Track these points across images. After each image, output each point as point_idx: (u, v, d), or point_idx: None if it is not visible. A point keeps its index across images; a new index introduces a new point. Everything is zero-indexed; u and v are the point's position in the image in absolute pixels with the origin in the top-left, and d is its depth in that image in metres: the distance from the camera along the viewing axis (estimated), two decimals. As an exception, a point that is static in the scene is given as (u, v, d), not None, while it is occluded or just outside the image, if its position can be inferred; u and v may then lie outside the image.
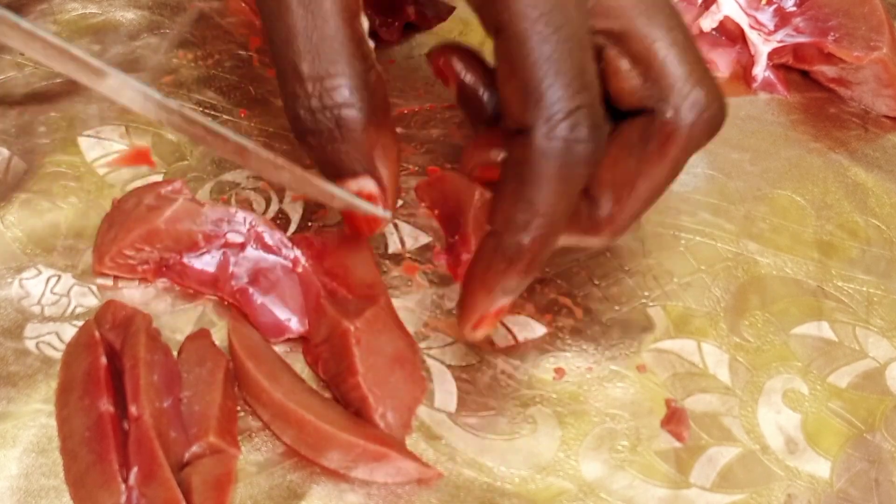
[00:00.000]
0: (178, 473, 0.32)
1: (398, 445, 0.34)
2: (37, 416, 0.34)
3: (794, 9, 0.52)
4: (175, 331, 0.37)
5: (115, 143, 0.43)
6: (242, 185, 0.42)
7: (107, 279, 0.38)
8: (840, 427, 0.38)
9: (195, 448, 0.33)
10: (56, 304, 0.37)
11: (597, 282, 0.41)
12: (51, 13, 0.48)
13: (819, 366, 0.40)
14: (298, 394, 0.35)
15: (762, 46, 0.51)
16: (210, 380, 0.35)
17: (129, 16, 0.49)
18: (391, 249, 0.41)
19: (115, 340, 0.35)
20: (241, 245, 0.38)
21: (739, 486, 0.36)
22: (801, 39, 0.51)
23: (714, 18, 0.52)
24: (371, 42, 0.36)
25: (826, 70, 0.51)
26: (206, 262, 0.38)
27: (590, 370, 0.38)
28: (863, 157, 0.49)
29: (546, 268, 0.41)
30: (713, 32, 0.53)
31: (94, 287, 0.38)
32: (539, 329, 0.39)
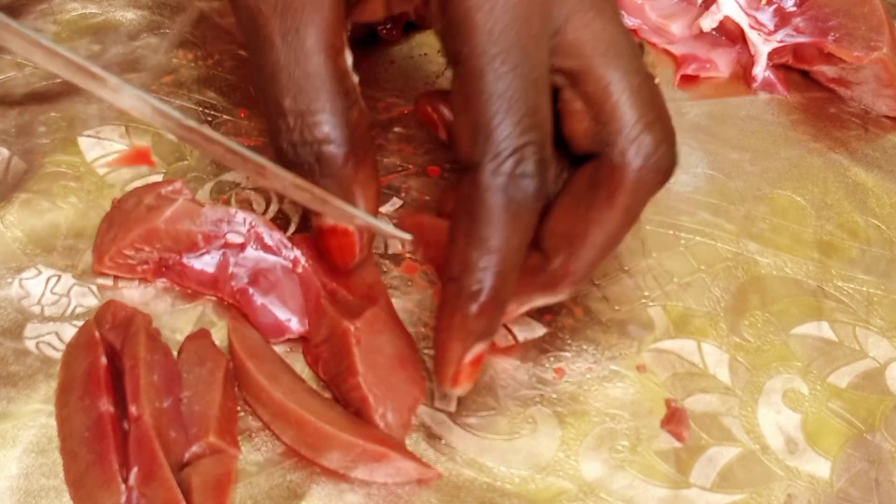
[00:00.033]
0: (178, 473, 0.32)
1: (398, 446, 0.34)
2: (37, 416, 0.34)
3: (794, 9, 0.52)
4: (175, 331, 0.37)
5: (115, 143, 0.43)
6: (242, 185, 0.42)
7: (107, 279, 0.38)
8: (840, 427, 0.38)
9: (195, 448, 0.33)
10: (56, 304, 0.37)
11: (597, 282, 0.41)
12: (51, 13, 0.48)
13: (819, 366, 0.40)
14: (298, 394, 0.35)
15: (762, 46, 0.51)
16: (210, 380, 0.35)
17: (129, 16, 0.49)
18: (391, 250, 0.41)
19: (115, 340, 0.35)
20: (241, 245, 0.38)
21: (739, 486, 0.36)
22: (801, 39, 0.51)
23: (714, 18, 0.52)
24: (355, 77, 0.36)
25: (826, 70, 0.51)
26: (206, 263, 0.38)
27: (590, 370, 0.38)
28: (863, 157, 0.49)
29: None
30: (713, 32, 0.53)
31: (94, 287, 0.38)
32: (539, 329, 0.39)
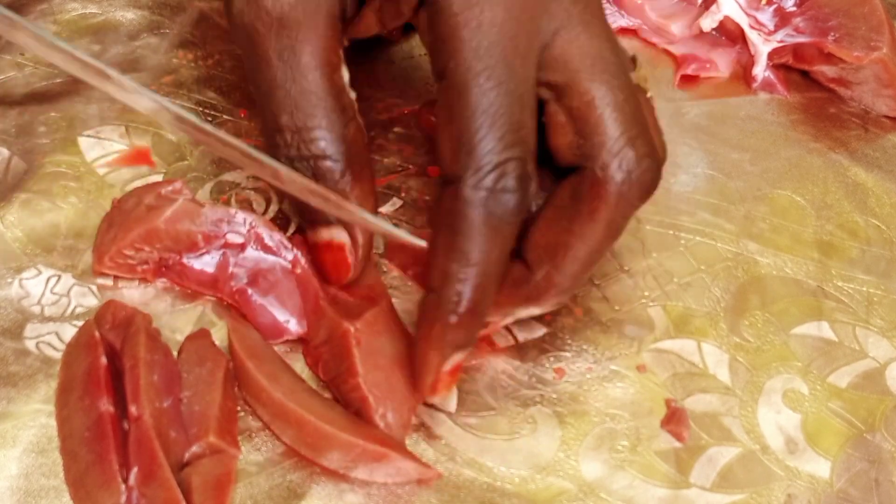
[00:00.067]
0: (178, 473, 0.32)
1: (398, 446, 0.34)
2: (37, 416, 0.34)
3: (794, 9, 0.52)
4: (175, 331, 0.37)
5: (115, 143, 0.43)
6: (242, 185, 0.42)
7: (107, 279, 0.38)
8: (840, 427, 0.38)
9: (195, 448, 0.33)
10: (56, 304, 0.37)
11: (597, 282, 0.41)
12: (51, 13, 0.48)
13: (819, 366, 0.40)
14: (298, 394, 0.35)
15: (762, 46, 0.51)
16: (210, 380, 0.35)
17: (129, 16, 0.49)
18: (391, 249, 0.41)
19: (115, 340, 0.35)
20: (241, 246, 0.38)
21: (739, 486, 0.36)
22: (801, 39, 0.51)
23: (714, 18, 0.52)
24: (352, 93, 0.36)
25: (826, 70, 0.51)
26: (206, 263, 0.38)
27: (590, 370, 0.38)
28: (863, 157, 0.49)
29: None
30: (713, 32, 0.53)
31: (94, 287, 0.38)
32: (539, 329, 0.39)
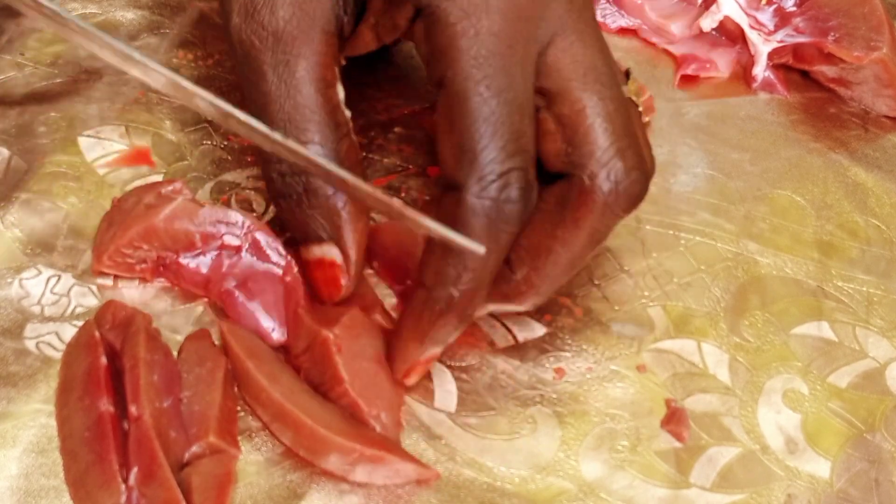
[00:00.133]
0: (178, 473, 0.32)
1: (396, 448, 0.34)
2: (37, 416, 0.34)
3: (794, 9, 0.52)
4: (175, 331, 0.37)
5: (115, 143, 0.43)
6: (242, 186, 0.42)
7: (107, 279, 0.38)
8: (840, 427, 0.38)
9: (195, 448, 0.33)
10: (56, 304, 0.37)
11: (597, 282, 0.41)
12: (51, 13, 0.48)
13: (819, 366, 0.40)
14: (297, 395, 0.35)
15: (762, 46, 0.51)
16: (210, 380, 0.35)
17: (129, 16, 0.49)
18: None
19: (115, 340, 0.35)
20: (237, 248, 0.38)
21: (739, 486, 0.36)
22: (801, 39, 0.51)
23: (714, 18, 0.52)
24: (347, 112, 0.36)
25: (826, 70, 0.51)
26: (201, 263, 0.38)
27: (590, 370, 0.38)
28: (863, 157, 0.49)
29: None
30: (713, 32, 0.53)
31: (94, 287, 0.38)
32: (539, 329, 0.39)
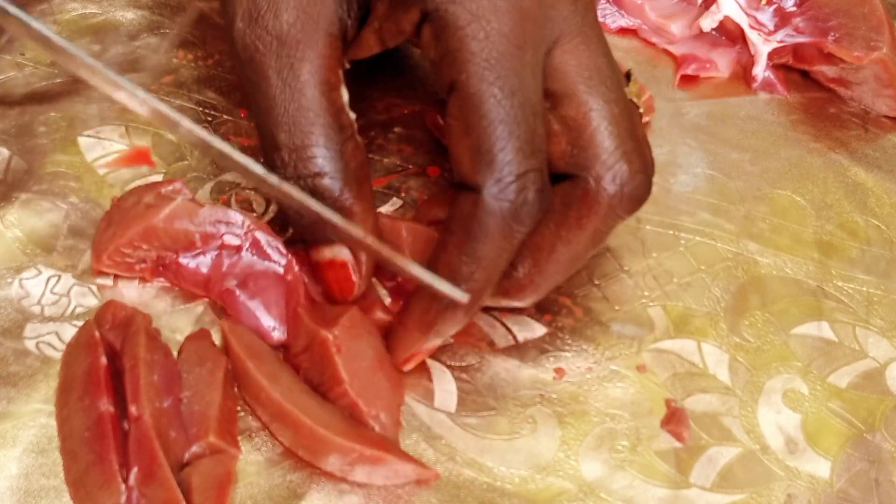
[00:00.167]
0: (178, 473, 0.32)
1: (395, 448, 0.34)
2: (37, 416, 0.34)
3: (794, 9, 0.52)
4: (175, 331, 0.37)
5: (115, 143, 0.43)
6: (242, 186, 0.42)
7: (107, 279, 0.38)
8: (840, 427, 0.38)
9: (195, 448, 0.33)
10: (56, 304, 0.37)
11: (597, 282, 0.41)
12: (51, 13, 0.48)
13: (819, 366, 0.40)
14: (296, 394, 0.35)
15: (762, 46, 0.51)
16: (210, 380, 0.35)
17: (129, 16, 0.49)
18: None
19: (115, 340, 0.35)
20: (237, 248, 0.38)
21: (739, 486, 0.36)
22: (801, 39, 0.51)
23: (714, 18, 0.52)
24: (352, 114, 0.36)
25: (826, 70, 0.51)
26: (201, 263, 0.38)
27: (590, 370, 0.38)
28: (863, 157, 0.49)
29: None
30: (713, 32, 0.53)
31: (94, 287, 0.38)
32: (539, 329, 0.39)
